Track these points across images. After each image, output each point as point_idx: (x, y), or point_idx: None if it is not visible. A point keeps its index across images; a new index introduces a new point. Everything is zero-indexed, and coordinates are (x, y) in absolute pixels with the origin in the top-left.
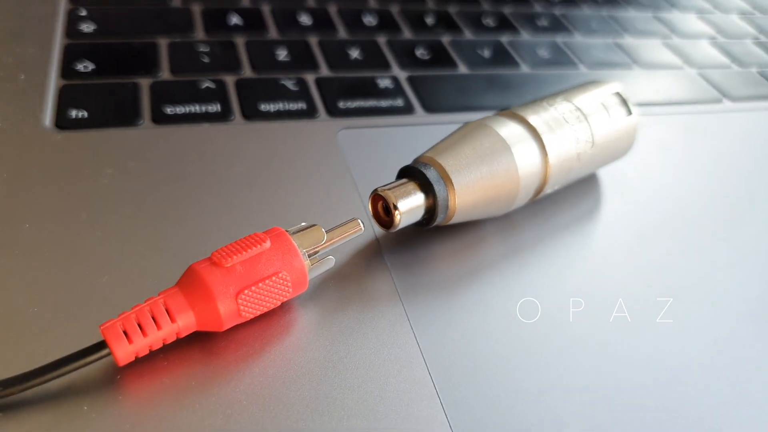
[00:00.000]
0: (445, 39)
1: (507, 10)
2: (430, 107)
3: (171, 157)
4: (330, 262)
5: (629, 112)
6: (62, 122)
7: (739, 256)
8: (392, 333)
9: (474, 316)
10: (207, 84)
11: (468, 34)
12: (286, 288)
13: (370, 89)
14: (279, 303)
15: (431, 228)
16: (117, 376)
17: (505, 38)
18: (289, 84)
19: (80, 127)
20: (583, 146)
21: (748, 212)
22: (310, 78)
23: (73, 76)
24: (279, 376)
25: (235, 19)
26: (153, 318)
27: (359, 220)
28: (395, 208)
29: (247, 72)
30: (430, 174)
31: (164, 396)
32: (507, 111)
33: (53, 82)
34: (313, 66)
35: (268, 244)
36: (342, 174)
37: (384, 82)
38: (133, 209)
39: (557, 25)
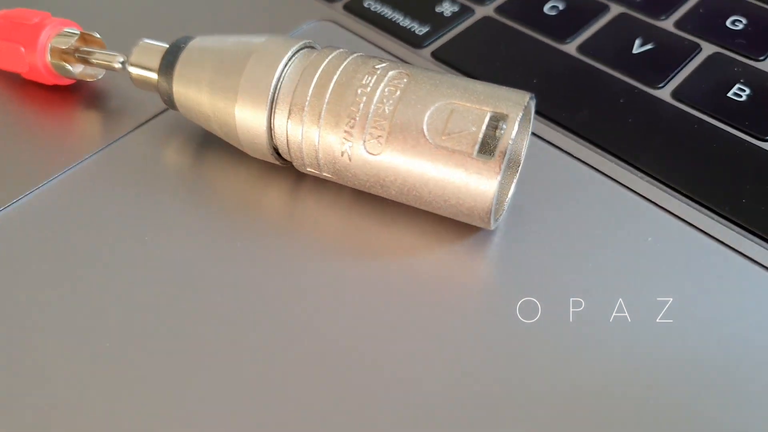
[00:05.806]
0: None
1: None
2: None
3: None
4: (72, 71)
5: (488, 153)
6: None
7: None
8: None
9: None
10: None
11: None
12: (21, 60)
13: (429, 5)
14: (14, 69)
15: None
16: None
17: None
18: None
19: None
20: (359, 144)
21: None
22: None
23: None
24: None
25: None
26: None
27: (120, 57)
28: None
29: None
30: (173, 43)
31: None
32: (335, 48)
33: None
34: None
35: (35, 20)
36: None
37: (451, 8)
38: None
39: None
